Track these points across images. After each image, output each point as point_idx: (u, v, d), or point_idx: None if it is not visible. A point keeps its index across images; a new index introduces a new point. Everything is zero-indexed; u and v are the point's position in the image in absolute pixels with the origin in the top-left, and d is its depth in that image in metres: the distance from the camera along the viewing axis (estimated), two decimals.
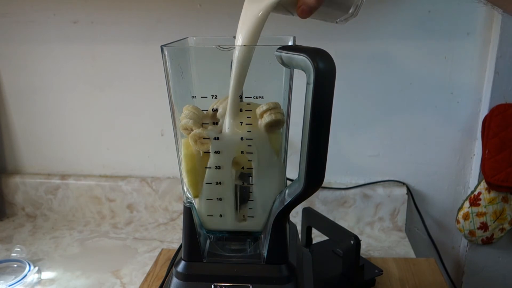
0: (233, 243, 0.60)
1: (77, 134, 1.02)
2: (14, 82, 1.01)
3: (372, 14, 0.87)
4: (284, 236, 0.56)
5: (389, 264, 0.81)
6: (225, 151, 0.54)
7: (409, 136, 0.94)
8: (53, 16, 0.94)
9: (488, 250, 0.96)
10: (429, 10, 0.86)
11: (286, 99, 0.55)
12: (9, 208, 1.05)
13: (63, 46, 0.96)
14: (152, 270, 0.81)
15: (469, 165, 0.95)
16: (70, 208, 1.04)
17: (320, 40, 0.89)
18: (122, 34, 0.94)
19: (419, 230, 0.99)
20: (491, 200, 0.88)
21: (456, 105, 0.91)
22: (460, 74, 0.89)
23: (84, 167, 1.05)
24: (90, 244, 0.93)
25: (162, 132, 1.00)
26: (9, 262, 0.85)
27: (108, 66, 0.97)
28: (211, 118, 0.54)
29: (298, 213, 0.91)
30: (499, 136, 0.85)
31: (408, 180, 0.97)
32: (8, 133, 1.04)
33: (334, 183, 0.98)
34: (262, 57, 0.54)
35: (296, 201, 0.53)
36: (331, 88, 0.46)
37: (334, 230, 0.76)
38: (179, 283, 0.56)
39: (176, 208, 1.01)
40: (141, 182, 1.01)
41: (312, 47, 0.47)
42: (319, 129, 0.48)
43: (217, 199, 0.57)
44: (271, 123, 0.53)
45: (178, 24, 0.92)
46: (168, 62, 0.53)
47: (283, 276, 0.55)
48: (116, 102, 0.99)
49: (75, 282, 0.80)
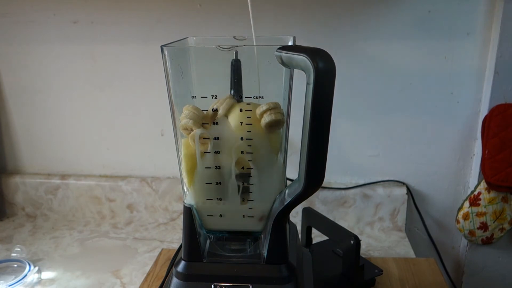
0: (233, 243, 0.60)
1: (77, 134, 1.02)
2: (14, 82, 1.01)
3: (372, 14, 0.87)
4: (284, 236, 0.56)
5: (389, 264, 0.81)
6: (225, 151, 0.54)
7: (409, 136, 0.94)
8: (53, 16, 0.94)
9: (488, 250, 0.96)
10: (429, 10, 0.86)
11: (286, 99, 0.55)
12: (9, 208, 1.05)
13: (63, 46, 0.96)
14: (152, 270, 0.81)
15: (469, 165, 0.95)
16: (70, 208, 1.04)
17: (320, 40, 0.89)
18: (122, 34, 0.94)
19: (419, 230, 0.99)
20: (491, 200, 0.88)
21: (456, 105, 0.91)
22: (460, 74, 0.89)
23: (84, 167, 1.05)
24: (90, 244, 0.93)
25: (162, 132, 1.00)
26: (9, 262, 0.85)
27: (108, 66, 0.97)
28: (211, 118, 0.55)
29: (298, 213, 0.91)
30: (499, 136, 0.85)
31: (408, 180, 0.97)
32: (8, 133, 1.04)
33: (334, 183, 0.98)
34: (262, 57, 0.54)
35: (296, 201, 0.53)
36: (331, 88, 0.46)
37: (334, 230, 0.76)
38: (179, 283, 0.56)
39: (176, 208, 1.01)
40: (141, 182, 1.01)
41: (312, 47, 0.47)
42: (319, 129, 0.48)
43: (217, 199, 0.57)
44: (271, 123, 0.53)
45: (178, 24, 0.92)
46: (168, 62, 0.53)
47: (283, 276, 0.55)
48: (116, 102, 0.99)
49: (75, 282, 0.80)
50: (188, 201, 0.57)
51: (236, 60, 0.54)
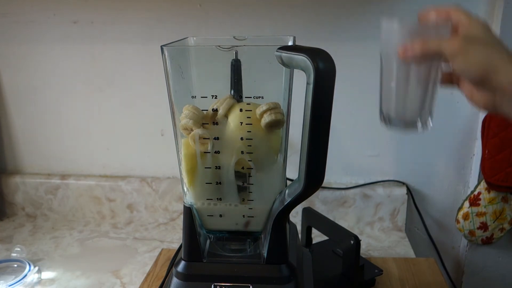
0: (233, 243, 0.60)
1: (77, 134, 1.02)
2: (14, 82, 1.00)
3: (372, 14, 0.87)
4: (284, 236, 0.56)
5: (389, 264, 0.81)
6: (225, 151, 0.54)
7: (409, 136, 0.94)
8: (53, 16, 0.94)
9: (488, 250, 0.96)
10: None
11: (286, 99, 0.55)
12: (9, 208, 1.05)
13: (63, 46, 0.96)
14: (152, 270, 0.81)
15: (469, 165, 0.95)
16: (70, 208, 1.04)
17: (320, 40, 0.89)
18: (122, 34, 0.94)
19: (419, 230, 0.99)
20: (491, 200, 0.88)
21: (456, 105, 0.91)
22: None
23: (84, 167, 1.05)
24: (90, 244, 0.93)
25: (162, 132, 1.00)
26: (9, 262, 0.85)
27: (108, 66, 0.97)
28: (211, 118, 0.55)
29: (298, 213, 0.91)
30: (499, 136, 0.85)
31: (408, 180, 0.97)
32: (8, 133, 1.04)
33: (334, 183, 0.98)
34: (262, 57, 0.54)
35: (296, 201, 0.53)
36: (331, 88, 0.46)
37: (334, 230, 0.76)
38: (179, 283, 0.56)
39: (176, 208, 1.01)
40: (141, 182, 1.01)
41: (312, 47, 0.47)
42: (319, 129, 0.48)
43: (217, 199, 0.57)
44: (271, 123, 0.53)
45: (178, 24, 0.92)
46: (168, 62, 0.53)
47: (283, 276, 0.55)
48: (116, 102, 0.99)
49: (75, 282, 0.80)
50: (188, 201, 0.57)
51: (236, 60, 0.54)
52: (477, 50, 0.46)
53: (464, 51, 0.45)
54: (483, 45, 0.46)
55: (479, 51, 0.46)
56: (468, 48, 0.45)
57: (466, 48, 0.45)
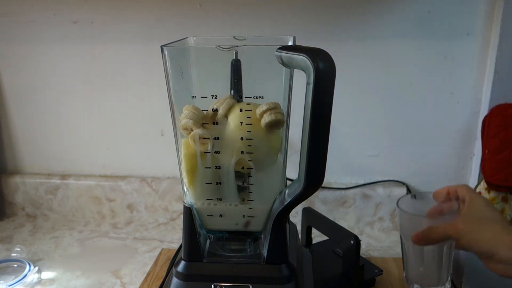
0: (233, 243, 0.60)
1: (77, 134, 1.02)
2: (14, 82, 1.00)
3: (372, 14, 0.87)
4: (284, 236, 0.56)
5: (389, 264, 0.81)
6: (225, 151, 0.54)
7: (409, 136, 0.94)
8: (53, 16, 0.94)
9: None
10: (429, 10, 0.86)
11: (286, 99, 0.55)
12: (9, 208, 1.05)
13: (63, 46, 0.96)
14: (152, 270, 0.82)
15: (469, 165, 0.95)
16: (70, 208, 1.04)
17: (320, 40, 0.89)
18: (122, 34, 0.94)
19: None
20: (491, 200, 0.88)
21: (456, 105, 0.91)
22: (460, 74, 0.89)
23: (84, 167, 1.05)
24: (90, 244, 0.93)
25: (162, 132, 1.00)
26: (9, 262, 0.85)
27: (108, 66, 0.97)
28: (211, 118, 0.55)
29: (298, 213, 0.91)
30: (499, 136, 0.85)
31: (408, 180, 0.97)
32: (8, 133, 1.04)
33: (334, 183, 0.98)
34: (262, 57, 0.54)
35: (296, 201, 0.53)
36: (331, 88, 0.46)
37: (334, 230, 0.76)
38: (179, 283, 0.57)
39: (176, 208, 1.01)
40: (141, 182, 1.01)
41: (312, 47, 0.47)
42: (319, 129, 0.48)
43: (217, 199, 0.57)
44: (271, 123, 0.53)
45: (178, 24, 0.92)
46: (168, 62, 0.53)
47: (283, 276, 0.56)
48: (116, 102, 0.99)
49: (75, 282, 0.80)
50: (188, 201, 0.57)
51: (236, 60, 0.54)
52: (477, 231, 0.53)
53: (467, 233, 0.53)
54: (484, 224, 0.54)
55: (478, 232, 0.53)
56: (468, 229, 0.53)
57: (467, 229, 0.53)
